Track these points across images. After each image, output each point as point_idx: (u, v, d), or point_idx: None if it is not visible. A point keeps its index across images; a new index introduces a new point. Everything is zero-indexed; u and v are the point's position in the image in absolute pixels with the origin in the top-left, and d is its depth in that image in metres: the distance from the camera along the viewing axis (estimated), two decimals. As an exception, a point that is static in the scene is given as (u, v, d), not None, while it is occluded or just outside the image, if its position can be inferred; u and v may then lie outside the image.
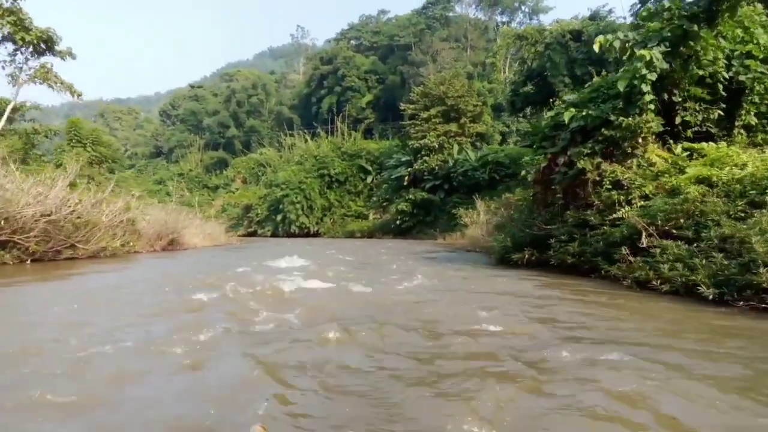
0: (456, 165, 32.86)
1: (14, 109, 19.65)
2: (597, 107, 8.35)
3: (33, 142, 19.79)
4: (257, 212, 42.05)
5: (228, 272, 8.36)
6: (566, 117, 8.43)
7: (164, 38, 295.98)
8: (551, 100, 26.31)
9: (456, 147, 34.32)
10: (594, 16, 23.29)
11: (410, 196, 32.53)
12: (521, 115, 31.16)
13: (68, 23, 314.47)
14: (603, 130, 8.11)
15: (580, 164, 8.24)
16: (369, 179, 40.78)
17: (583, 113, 8.32)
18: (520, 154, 35.10)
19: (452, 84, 35.81)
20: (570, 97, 9.15)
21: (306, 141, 46.89)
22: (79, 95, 17.88)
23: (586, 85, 9.41)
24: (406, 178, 34.81)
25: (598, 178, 8.20)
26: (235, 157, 62.95)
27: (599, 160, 8.21)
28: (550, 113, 9.41)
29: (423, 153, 34.32)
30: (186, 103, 74.16)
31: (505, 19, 72.54)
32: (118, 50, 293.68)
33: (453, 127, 35.03)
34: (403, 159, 35.62)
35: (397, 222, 32.94)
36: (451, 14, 65.69)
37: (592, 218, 7.96)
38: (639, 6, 22.28)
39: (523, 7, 71.20)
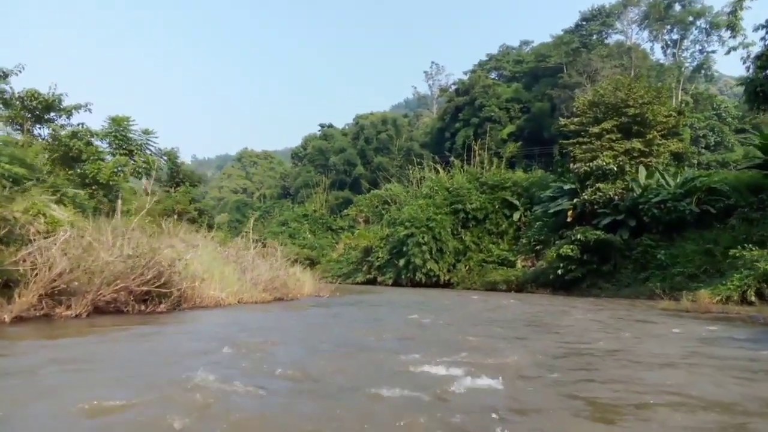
0: (646, 193, 23.42)
1: (48, 107, 15.42)
2: None
3: (72, 150, 15.02)
4: (377, 255, 35.39)
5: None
6: None
7: (302, 96, 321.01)
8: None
9: (643, 170, 24.89)
10: None
11: (577, 237, 23.46)
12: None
13: (223, 81, 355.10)
14: None
15: None
16: (516, 216, 32.26)
17: None
18: (739, 180, 24.64)
19: (633, 89, 26.76)
20: None
21: (437, 172, 39.87)
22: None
23: None
24: (570, 212, 25.84)
25: None
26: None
27: None
28: None
29: (594, 179, 25.37)
30: (314, 141, 72.33)
31: (675, 36, 61.58)
32: (265, 106, 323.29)
33: (637, 144, 25.78)
34: (566, 188, 26.81)
35: (559, 271, 23.82)
36: (610, 30, 56.02)
37: None
38: None
39: (698, 22, 59.70)
